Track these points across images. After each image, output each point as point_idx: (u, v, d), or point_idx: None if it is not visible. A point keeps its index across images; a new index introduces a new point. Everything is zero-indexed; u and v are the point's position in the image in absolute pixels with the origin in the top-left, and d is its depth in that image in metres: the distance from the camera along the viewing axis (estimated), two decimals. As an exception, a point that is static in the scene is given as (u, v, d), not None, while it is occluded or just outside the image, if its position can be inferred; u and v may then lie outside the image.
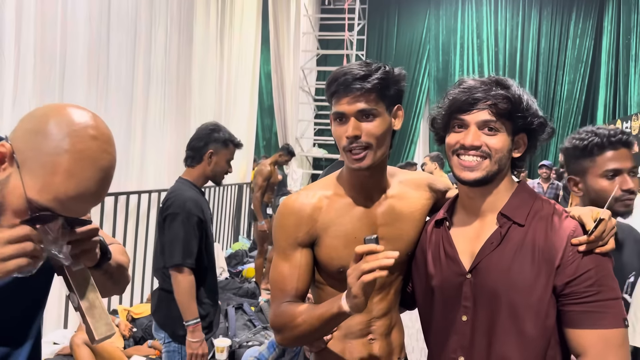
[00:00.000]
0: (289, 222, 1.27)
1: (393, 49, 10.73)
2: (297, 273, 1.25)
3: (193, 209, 2.17)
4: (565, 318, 1.07)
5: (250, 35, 6.97)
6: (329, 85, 1.21)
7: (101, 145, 0.85)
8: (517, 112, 1.12)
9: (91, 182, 0.83)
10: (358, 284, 1.01)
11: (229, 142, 2.36)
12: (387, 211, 1.30)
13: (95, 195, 0.85)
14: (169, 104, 4.71)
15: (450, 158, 1.17)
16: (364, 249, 1.02)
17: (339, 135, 1.21)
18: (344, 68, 1.20)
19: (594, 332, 1.03)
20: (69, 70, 3.33)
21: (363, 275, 1.00)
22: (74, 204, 0.83)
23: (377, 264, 0.99)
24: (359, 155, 1.19)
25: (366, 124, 1.19)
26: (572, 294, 1.05)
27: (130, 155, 4.11)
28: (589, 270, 1.05)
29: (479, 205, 1.18)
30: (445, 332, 1.17)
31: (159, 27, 4.54)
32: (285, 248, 1.26)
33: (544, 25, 9.90)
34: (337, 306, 1.09)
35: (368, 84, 1.16)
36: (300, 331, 1.16)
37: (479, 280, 1.12)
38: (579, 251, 1.06)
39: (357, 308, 1.05)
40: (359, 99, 1.17)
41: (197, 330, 2.12)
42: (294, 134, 8.82)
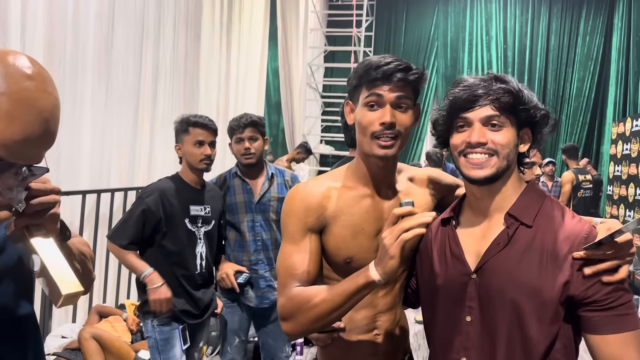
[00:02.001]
0: (299, 207, 1.26)
1: (401, 46, 10.68)
2: (308, 257, 1.24)
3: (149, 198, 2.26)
4: (587, 324, 1.05)
5: (257, 31, 6.96)
6: (366, 71, 1.20)
7: (39, 85, 0.82)
8: (519, 105, 1.11)
9: (35, 124, 0.81)
10: (398, 242, 1.02)
11: (187, 127, 2.32)
12: (394, 205, 1.30)
13: (42, 138, 0.83)
14: (176, 99, 4.72)
15: (457, 159, 1.15)
16: (402, 211, 1.04)
17: (370, 121, 1.21)
18: (382, 58, 1.21)
19: (617, 336, 1.02)
20: (76, 66, 3.35)
21: (403, 233, 1.01)
22: (23, 149, 0.81)
23: (416, 222, 1.01)
24: (387, 142, 1.21)
25: (400, 114, 1.21)
26: (594, 302, 1.03)
27: (138, 151, 4.13)
28: None
29: (487, 204, 1.17)
30: (449, 332, 1.16)
31: (167, 23, 4.55)
32: (295, 232, 1.25)
33: (554, 22, 9.81)
34: (365, 277, 1.08)
35: (410, 76, 1.19)
36: (318, 312, 1.13)
37: (484, 280, 1.11)
38: (584, 275, 1.03)
39: (391, 272, 1.04)
40: (400, 89, 1.19)
41: (154, 279, 2.21)
42: (301, 130, 8.81)
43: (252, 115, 2.56)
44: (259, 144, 2.53)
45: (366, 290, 1.10)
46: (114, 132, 3.82)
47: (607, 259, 1.01)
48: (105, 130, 3.72)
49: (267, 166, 2.64)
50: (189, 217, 2.33)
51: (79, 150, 3.46)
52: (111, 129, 3.78)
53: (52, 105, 0.84)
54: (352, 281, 1.10)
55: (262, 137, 2.56)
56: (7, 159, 0.81)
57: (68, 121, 3.30)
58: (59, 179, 3.27)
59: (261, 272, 2.57)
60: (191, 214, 2.34)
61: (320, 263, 1.27)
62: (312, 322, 1.16)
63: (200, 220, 2.37)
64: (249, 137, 2.50)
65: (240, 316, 2.60)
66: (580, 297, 1.03)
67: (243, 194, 2.56)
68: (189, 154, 2.32)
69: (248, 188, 2.56)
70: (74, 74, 3.32)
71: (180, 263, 2.31)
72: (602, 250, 1.01)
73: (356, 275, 1.11)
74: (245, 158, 2.51)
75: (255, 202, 2.55)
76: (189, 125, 2.32)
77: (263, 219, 2.55)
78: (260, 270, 2.57)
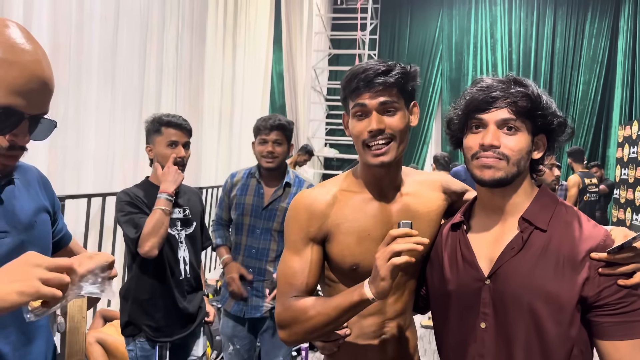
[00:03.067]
0: (301, 216, 1.25)
1: (405, 49, 10.67)
2: (308, 268, 1.23)
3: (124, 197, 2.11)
4: (598, 330, 1.04)
5: (262, 35, 6.97)
6: (348, 82, 1.20)
7: (22, 34, 0.90)
8: (537, 111, 1.09)
9: (31, 65, 0.88)
10: (387, 265, 1.00)
11: (160, 127, 2.16)
12: (403, 209, 1.28)
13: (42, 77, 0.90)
14: (181, 103, 4.73)
15: (470, 162, 1.14)
16: (398, 233, 1.02)
17: (360, 130, 1.20)
18: (362, 65, 1.19)
19: (628, 343, 1.00)
20: (81, 70, 3.35)
21: (393, 257, 0.99)
22: (28, 92, 0.88)
23: (409, 246, 0.99)
24: (381, 150, 1.19)
25: (388, 117, 1.19)
26: (606, 306, 1.01)
27: (142, 155, 4.13)
28: None
29: (498, 208, 1.15)
30: (463, 338, 1.14)
31: (172, 27, 4.56)
32: (296, 242, 1.25)
33: (559, 25, 9.78)
34: (359, 293, 1.07)
35: (390, 78, 1.16)
36: (313, 324, 1.14)
37: (498, 286, 1.09)
38: (600, 273, 1.02)
39: (383, 293, 1.04)
40: (382, 93, 1.17)
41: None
42: (305, 133, 8.80)
43: (282, 118, 2.44)
44: (283, 149, 2.42)
45: (360, 307, 1.10)
46: (119, 135, 3.82)
47: (624, 264, 1.01)
48: (111, 133, 3.72)
49: (288, 173, 2.51)
50: None
51: (84, 154, 3.46)
52: (116, 132, 3.78)
53: (41, 50, 0.91)
54: (346, 297, 1.10)
55: (287, 142, 2.45)
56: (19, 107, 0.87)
57: (73, 124, 3.30)
58: (64, 182, 3.26)
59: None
60: None
61: (319, 273, 1.27)
62: (307, 333, 1.17)
63: (179, 222, 2.23)
64: (274, 141, 2.39)
65: (233, 322, 2.50)
66: (593, 300, 1.02)
67: (254, 196, 2.48)
68: (161, 156, 2.15)
69: (261, 192, 2.47)
70: (79, 77, 3.32)
71: (164, 271, 2.17)
72: (623, 253, 1.00)
73: (351, 290, 1.11)
74: (267, 161, 2.40)
75: (262, 208, 2.46)
76: (162, 124, 2.15)
77: (265, 227, 2.45)
78: None
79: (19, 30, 0.90)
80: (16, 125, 0.89)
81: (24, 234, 1.02)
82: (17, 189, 1.06)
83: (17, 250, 1.00)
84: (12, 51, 0.87)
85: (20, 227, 1.02)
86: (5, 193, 1.01)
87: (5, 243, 0.98)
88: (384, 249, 1.03)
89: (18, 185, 1.06)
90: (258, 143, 2.44)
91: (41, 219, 1.09)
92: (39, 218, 1.08)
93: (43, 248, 1.08)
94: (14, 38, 0.88)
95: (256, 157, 2.49)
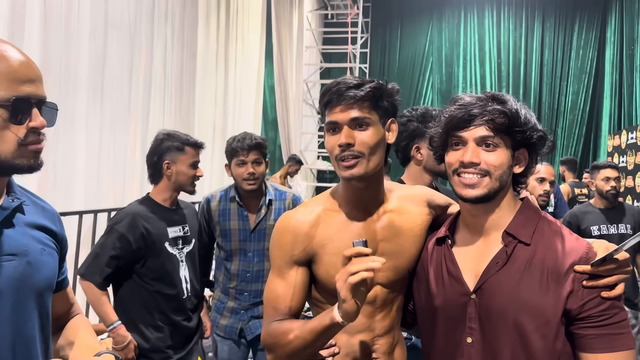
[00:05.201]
0: (285, 239, 1.25)
1: (396, 62, 10.75)
2: (292, 292, 1.23)
3: (120, 225, 2.07)
4: (581, 342, 1.04)
5: (254, 49, 7.01)
6: (322, 96, 1.22)
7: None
8: (515, 127, 1.10)
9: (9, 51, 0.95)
10: (345, 286, 0.99)
11: (183, 146, 2.17)
12: (387, 226, 1.28)
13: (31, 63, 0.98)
14: (173, 117, 4.73)
15: (451, 177, 1.15)
16: (351, 252, 1.01)
17: (332, 145, 1.21)
18: (337, 80, 1.20)
19: (610, 355, 1.01)
20: (70, 85, 3.35)
21: (350, 276, 0.98)
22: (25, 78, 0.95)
23: (363, 266, 0.98)
24: (349, 163, 1.18)
25: (359, 132, 1.18)
26: (589, 318, 1.02)
27: (130, 171, 4.12)
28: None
29: (482, 223, 1.16)
30: (449, 353, 1.14)
31: (162, 42, 4.58)
32: (281, 266, 1.24)
33: (547, 37, 9.90)
34: (330, 317, 1.07)
35: (361, 91, 1.16)
36: (292, 348, 1.14)
37: (484, 300, 1.09)
38: (584, 286, 1.03)
39: (349, 316, 1.02)
40: (352, 107, 1.17)
41: (119, 336, 2.05)
42: (298, 146, 8.81)
43: (257, 137, 2.38)
44: (262, 168, 2.36)
45: (333, 330, 1.10)
46: (108, 151, 3.81)
47: (607, 275, 1.02)
48: (101, 149, 3.71)
49: (267, 191, 2.45)
50: (169, 240, 2.16)
51: (74, 170, 3.45)
52: (106, 148, 3.77)
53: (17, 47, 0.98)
54: (320, 320, 1.10)
55: (264, 160, 2.40)
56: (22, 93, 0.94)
57: (63, 140, 3.28)
58: (55, 199, 3.24)
59: (244, 303, 2.40)
60: (170, 236, 2.17)
61: (304, 296, 1.26)
62: (289, 356, 1.17)
63: (180, 241, 2.21)
64: (253, 161, 2.32)
65: (229, 346, 2.44)
66: (577, 312, 1.03)
67: (238, 220, 2.41)
68: (182, 174, 2.17)
69: (244, 215, 2.41)
70: (68, 93, 3.32)
71: (164, 291, 2.14)
72: (605, 265, 1.02)
73: (324, 314, 1.10)
74: (248, 184, 2.33)
75: (250, 231, 2.40)
76: (186, 144, 2.18)
77: (257, 249, 2.39)
78: (243, 301, 2.40)
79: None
80: (28, 112, 0.95)
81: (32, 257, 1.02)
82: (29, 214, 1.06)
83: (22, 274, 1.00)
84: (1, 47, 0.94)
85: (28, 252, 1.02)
86: (17, 218, 1.02)
87: (11, 266, 0.98)
88: (341, 271, 1.02)
89: (30, 211, 1.07)
90: (236, 165, 2.35)
91: (49, 250, 1.09)
92: (48, 248, 1.09)
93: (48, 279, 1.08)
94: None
95: (235, 180, 2.40)
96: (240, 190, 2.42)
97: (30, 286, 1.02)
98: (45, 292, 1.07)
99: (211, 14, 5.68)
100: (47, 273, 1.07)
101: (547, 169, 2.70)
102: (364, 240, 1.03)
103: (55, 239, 1.13)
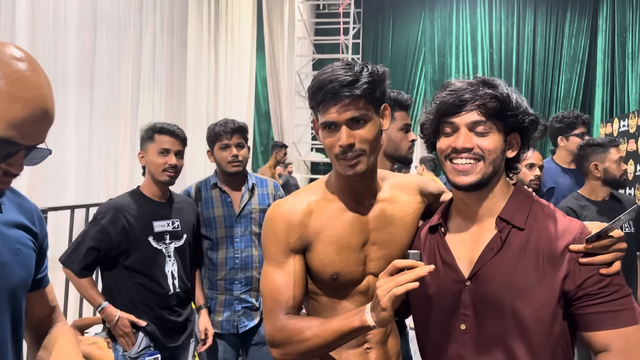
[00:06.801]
0: (279, 227, 1.22)
1: (389, 52, 10.72)
2: (293, 281, 1.20)
3: (103, 218, 2.10)
4: (583, 321, 1.04)
5: (245, 41, 6.96)
6: (314, 94, 1.16)
7: (29, 66, 0.89)
8: (507, 111, 1.09)
9: (35, 100, 0.88)
10: (389, 296, 0.99)
11: (153, 134, 2.15)
12: (379, 215, 1.27)
13: (45, 112, 0.90)
14: (164, 110, 4.69)
15: (444, 163, 1.14)
16: (405, 264, 1.01)
17: (331, 143, 1.18)
18: (328, 74, 1.14)
19: (614, 332, 1.00)
20: (58, 79, 3.32)
21: (396, 287, 0.98)
22: (28, 126, 0.87)
23: (412, 277, 0.98)
24: (352, 162, 1.16)
25: (358, 130, 1.16)
26: (587, 296, 1.02)
27: (122, 164, 4.09)
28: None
29: (476, 209, 1.15)
30: (443, 341, 1.14)
31: (152, 34, 4.53)
32: (277, 255, 1.21)
33: (539, 25, 9.90)
34: (360, 320, 1.06)
35: (357, 90, 1.12)
36: (309, 345, 1.12)
37: (479, 287, 1.09)
38: (580, 263, 1.02)
39: (384, 322, 1.03)
40: (349, 107, 1.14)
41: (110, 313, 2.08)
42: (291, 138, 8.80)
43: (237, 121, 2.41)
44: (245, 152, 2.39)
45: (360, 332, 1.09)
46: (99, 144, 3.77)
47: (602, 253, 1.02)
48: (91, 143, 3.68)
49: (249, 176, 2.49)
50: (153, 234, 2.15)
51: (65, 164, 3.41)
52: (96, 141, 3.74)
53: (46, 82, 0.91)
54: (346, 321, 1.08)
55: (246, 144, 2.42)
56: (17, 139, 0.87)
57: (53, 135, 3.25)
58: (47, 194, 3.22)
59: (236, 293, 2.38)
60: (155, 230, 2.15)
61: (305, 284, 1.24)
62: (302, 354, 1.15)
63: (167, 236, 2.19)
64: (237, 144, 2.35)
65: (224, 345, 2.40)
66: (574, 292, 1.03)
67: (222, 207, 2.40)
68: (152, 163, 2.14)
69: (228, 200, 2.40)
70: (57, 86, 3.29)
71: (148, 285, 2.14)
72: (600, 242, 1.01)
73: (351, 315, 1.09)
74: (233, 166, 2.34)
75: (235, 216, 2.39)
76: (155, 131, 2.15)
77: (244, 234, 2.39)
78: (235, 291, 2.38)
79: (27, 61, 0.89)
80: (12, 155, 0.89)
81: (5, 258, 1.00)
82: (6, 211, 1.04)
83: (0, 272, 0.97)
84: (17, 86, 0.86)
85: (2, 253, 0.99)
86: None
87: None
88: (386, 279, 1.01)
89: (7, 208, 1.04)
90: (219, 149, 2.37)
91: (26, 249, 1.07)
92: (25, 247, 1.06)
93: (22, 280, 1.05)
94: (22, 71, 0.87)
95: (219, 165, 2.41)
96: (224, 176, 2.42)
97: (3, 286, 0.99)
98: (19, 293, 1.04)
99: (202, 5, 5.62)
100: (21, 273, 1.03)
101: (535, 154, 2.73)
102: (419, 252, 1.04)
103: (33, 236, 1.10)
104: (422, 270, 0.99)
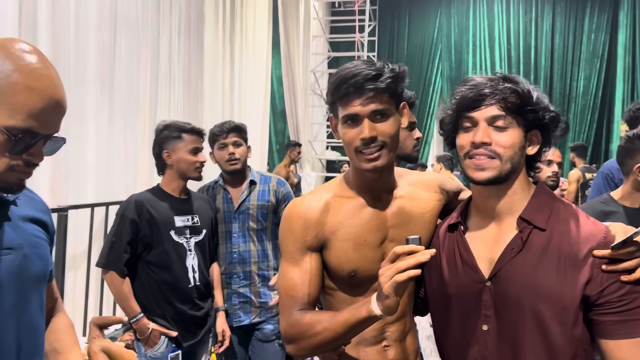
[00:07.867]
0: (297, 225, 1.23)
1: (405, 49, 10.67)
2: (309, 278, 1.21)
3: (128, 210, 2.15)
4: (599, 329, 1.02)
5: (261, 40, 6.98)
6: (337, 88, 1.18)
7: (38, 57, 0.94)
8: (527, 106, 1.08)
9: (49, 89, 0.93)
10: (390, 283, 0.98)
11: (180, 134, 2.23)
12: (397, 212, 1.27)
13: (58, 102, 0.95)
14: (181, 110, 4.73)
15: (463, 161, 1.13)
16: (404, 250, 1.00)
17: (352, 138, 1.19)
18: (351, 69, 1.16)
19: (630, 342, 0.99)
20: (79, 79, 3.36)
21: (397, 274, 0.98)
22: (45, 115, 0.93)
23: (412, 262, 0.97)
24: (373, 155, 1.17)
25: (380, 124, 1.17)
26: (608, 304, 1.00)
27: (142, 162, 4.13)
28: None
29: (494, 206, 1.14)
30: (464, 341, 1.13)
31: (169, 34, 4.56)
32: (294, 253, 1.23)
33: (558, 21, 9.76)
34: (367, 310, 1.06)
35: (381, 83, 1.14)
36: (320, 339, 1.13)
37: (500, 288, 1.08)
38: (603, 270, 1.00)
39: (390, 310, 1.02)
40: (373, 100, 1.15)
41: (143, 324, 2.12)
42: (306, 137, 8.81)
43: (234, 122, 2.51)
44: (243, 150, 2.46)
45: (368, 322, 1.09)
46: (118, 143, 3.82)
47: (626, 259, 1.00)
48: (110, 142, 3.72)
49: (250, 173, 2.54)
50: (175, 229, 2.21)
51: (85, 163, 3.46)
52: (116, 141, 3.79)
53: (55, 73, 0.96)
54: (354, 312, 1.09)
55: (245, 144, 2.49)
56: (36, 129, 0.92)
57: (73, 135, 3.30)
58: (67, 193, 3.27)
59: (234, 286, 2.45)
60: (177, 225, 2.22)
61: (321, 282, 1.25)
62: (315, 348, 1.16)
63: (188, 230, 2.25)
64: (233, 143, 2.43)
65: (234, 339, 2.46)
66: (595, 298, 1.01)
67: (223, 203, 2.49)
68: (183, 161, 2.22)
69: (229, 197, 2.49)
70: (77, 87, 3.33)
71: (169, 279, 2.18)
72: (625, 249, 1.00)
73: (359, 306, 1.09)
74: (231, 164, 2.42)
75: (233, 212, 2.46)
76: (183, 132, 2.23)
77: (241, 229, 2.45)
78: (233, 284, 2.45)
79: (36, 54, 0.94)
80: (33, 145, 0.94)
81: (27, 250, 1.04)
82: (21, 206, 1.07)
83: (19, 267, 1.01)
84: (32, 77, 0.91)
85: (25, 244, 1.04)
86: (12, 211, 1.04)
87: (9, 259, 0.99)
88: (387, 266, 1.01)
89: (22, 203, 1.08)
90: (217, 149, 2.47)
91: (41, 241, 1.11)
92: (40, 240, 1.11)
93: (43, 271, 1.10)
94: (33, 63, 0.92)
95: (219, 164, 2.51)
96: (225, 175, 2.53)
97: (28, 279, 1.04)
98: (41, 284, 1.10)
99: (218, 5, 5.65)
100: (41, 265, 1.08)
101: (553, 151, 2.69)
102: (418, 237, 1.02)
103: (46, 230, 1.15)
104: (422, 255, 0.98)
